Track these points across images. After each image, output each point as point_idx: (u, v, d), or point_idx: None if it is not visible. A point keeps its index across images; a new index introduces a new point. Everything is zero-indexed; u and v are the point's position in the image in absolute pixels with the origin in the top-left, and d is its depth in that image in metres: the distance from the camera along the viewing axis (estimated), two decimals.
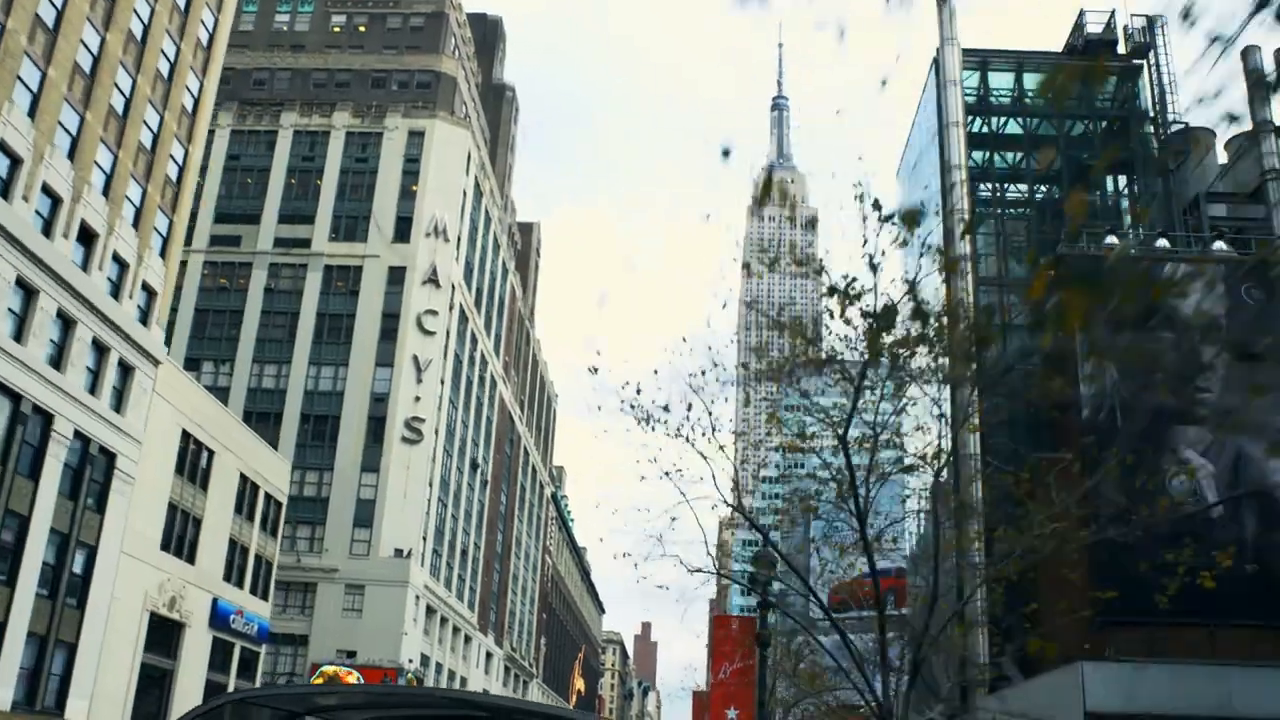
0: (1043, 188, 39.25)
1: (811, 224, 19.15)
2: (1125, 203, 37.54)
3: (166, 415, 38.01)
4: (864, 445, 15.70)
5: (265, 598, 50.39)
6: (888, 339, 14.21)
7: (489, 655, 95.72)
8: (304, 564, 70.03)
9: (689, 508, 16.51)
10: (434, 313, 75.53)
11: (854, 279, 14.22)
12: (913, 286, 14.25)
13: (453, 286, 78.60)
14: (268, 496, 49.92)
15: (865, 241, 14.26)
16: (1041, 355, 28.57)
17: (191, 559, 41.42)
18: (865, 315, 14.16)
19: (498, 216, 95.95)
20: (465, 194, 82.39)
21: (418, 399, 73.51)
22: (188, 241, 77.81)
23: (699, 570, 16.60)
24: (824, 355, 15.52)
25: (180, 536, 40.25)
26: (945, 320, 14.75)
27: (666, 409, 16.20)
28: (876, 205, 14.19)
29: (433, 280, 76.11)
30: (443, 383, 76.83)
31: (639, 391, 16.54)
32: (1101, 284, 8.12)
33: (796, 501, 19.27)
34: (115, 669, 36.36)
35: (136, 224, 36.12)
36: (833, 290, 14.23)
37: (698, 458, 16.21)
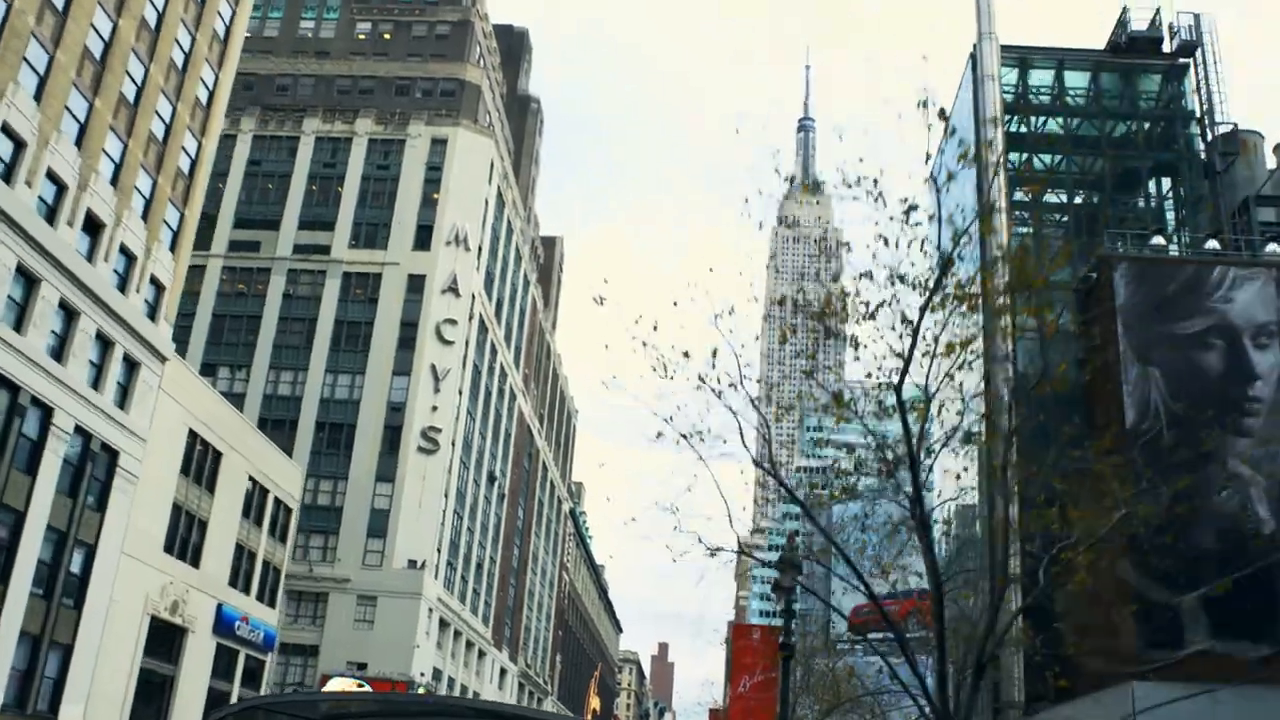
0: (1082, 192, 37.69)
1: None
2: (1170, 206, 35.95)
3: (173, 414, 36.88)
4: (914, 408, 14.15)
5: (273, 605, 49.12)
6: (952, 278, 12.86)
7: (503, 671, 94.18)
8: (316, 573, 68.83)
9: (709, 473, 14.90)
10: (453, 322, 74.44)
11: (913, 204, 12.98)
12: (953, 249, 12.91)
13: (473, 296, 77.53)
14: (277, 502, 48.70)
15: (928, 158, 13.06)
16: (1082, 361, 27.17)
17: (196, 562, 40.19)
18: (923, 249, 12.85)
19: (520, 228, 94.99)
20: (487, 203, 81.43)
21: (435, 409, 72.35)
22: (206, 246, 77.40)
23: (718, 549, 14.85)
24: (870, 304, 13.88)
25: (184, 539, 39.04)
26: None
27: (687, 355, 14.25)
28: (942, 114, 12.86)
29: (453, 289, 75.06)
30: (461, 393, 75.67)
31: (655, 328, 14.47)
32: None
33: (832, 479, 17.35)
34: (113, 673, 35.12)
35: (145, 216, 35.09)
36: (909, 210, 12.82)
37: (719, 418, 14.53)
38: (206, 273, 76.74)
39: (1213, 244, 30.58)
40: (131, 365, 35.31)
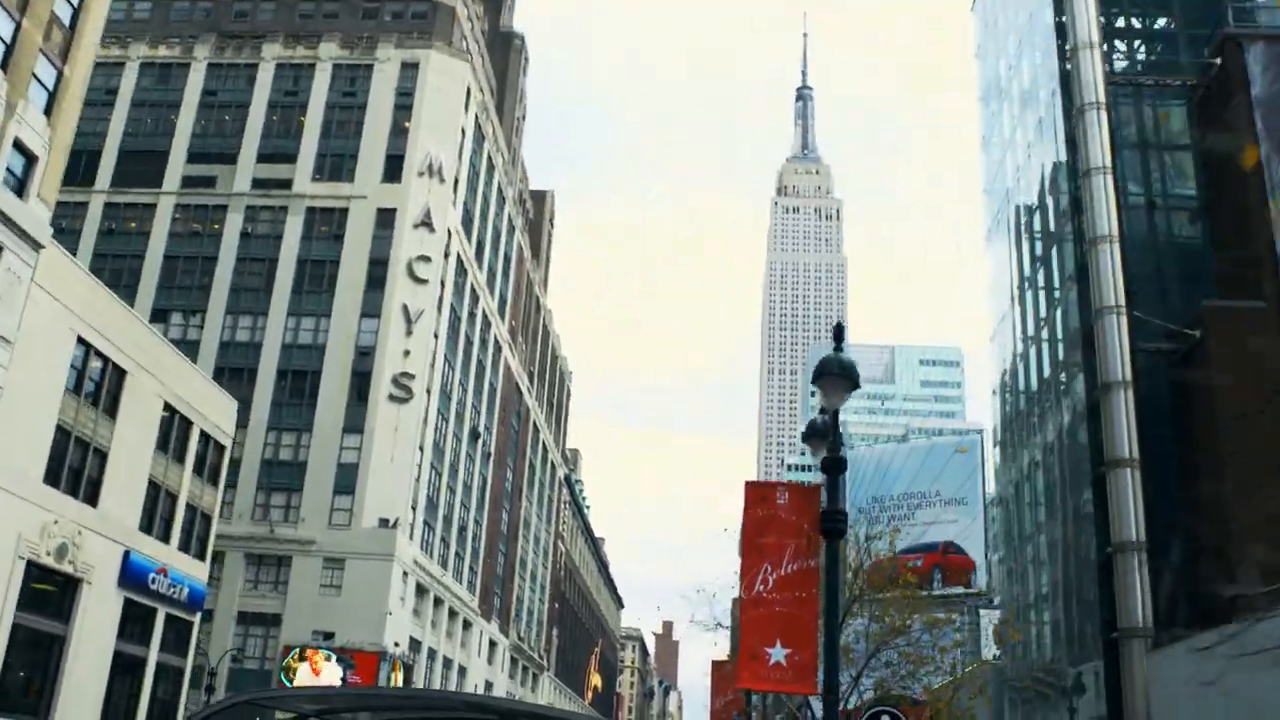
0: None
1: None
2: None
3: (52, 314, 30.37)
4: None
5: (202, 557, 42.58)
6: None
7: (493, 644, 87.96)
8: (278, 534, 62.51)
9: None
10: (426, 259, 67.85)
11: None
12: None
13: (449, 232, 70.91)
14: (205, 437, 42.12)
15: None
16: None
17: (92, 500, 33.75)
18: None
19: (502, 166, 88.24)
20: (464, 133, 74.69)
21: (407, 353, 65.83)
22: (156, 183, 71.03)
23: None
24: None
25: (75, 471, 32.57)
26: None
27: None
28: None
29: (426, 224, 68.45)
30: (437, 337, 69.13)
31: None
32: None
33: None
34: None
35: (5, 65, 28.50)
36: None
37: None
38: (157, 212, 70.38)
39: None
40: None
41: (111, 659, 34.96)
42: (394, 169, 69.90)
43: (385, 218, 68.64)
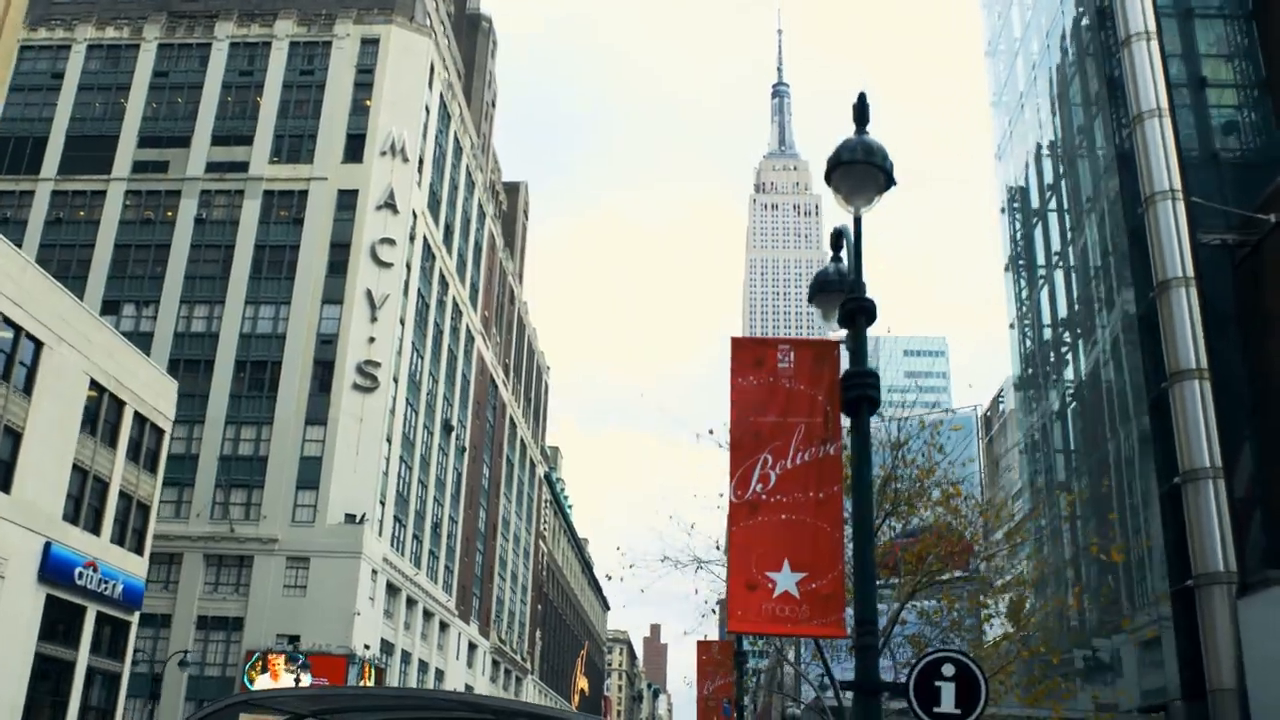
0: None
1: None
2: None
3: None
4: None
5: (139, 551, 39.11)
6: None
7: (472, 646, 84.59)
8: (238, 534, 59.09)
9: None
10: (390, 242, 64.58)
11: None
12: None
13: (414, 213, 67.66)
14: (141, 420, 38.71)
15: None
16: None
17: (4, 484, 30.39)
18: None
19: (471, 149, 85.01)
20: (429, 111, 71.46)
21: (372, 340, 62.55)
22: (105, 170, 67.69)
23: None
24: None
25: None
26: None
27: None
28: None
29: (389, 205, 65.20)
30: (403, 323, 65.86)
31: None
32: None
33: None
34: None
35: None
36: None
37: None
38: (107, 199, 67.00)
39: None
40: None
41: (32, 662, 31.57)
42: (355, 149, 66.70)
43: (347, 199, 65.41)
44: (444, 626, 75.87)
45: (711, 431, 16.15)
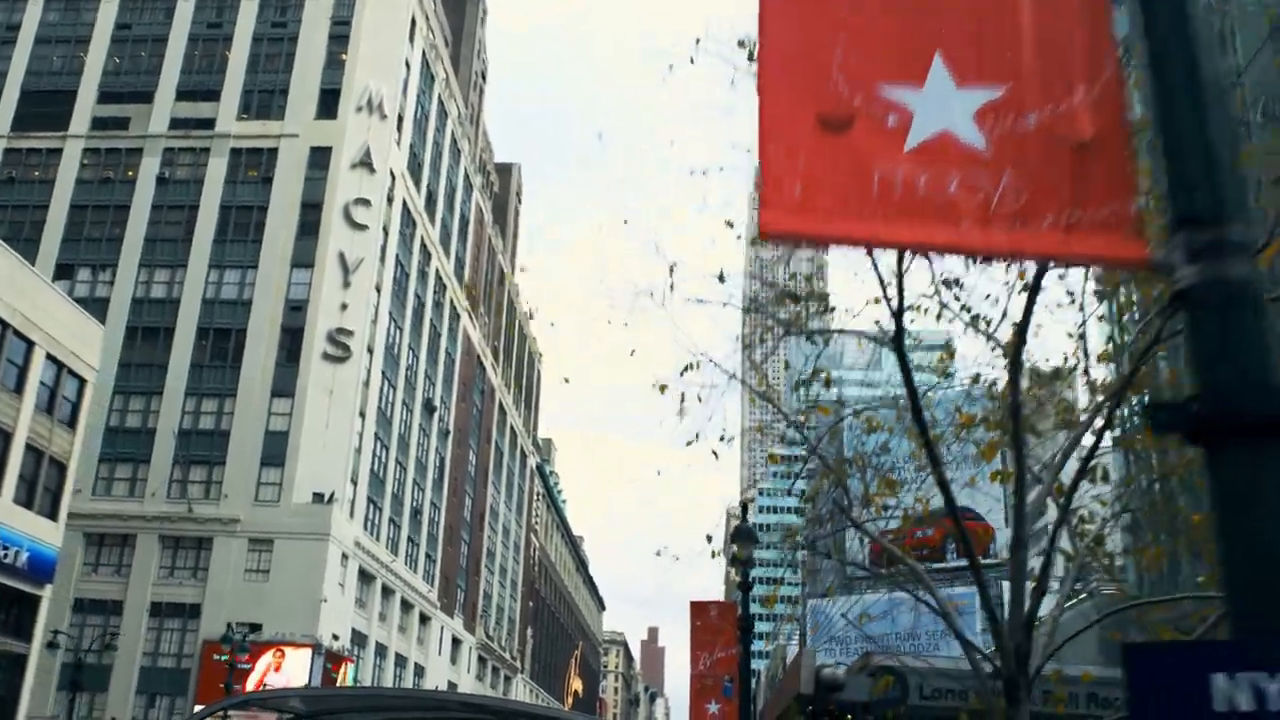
0: None
1: None
2: None
3: None
4: None
5: (53, 517, 34.33)
6: None
7: (456, 641, 79.91)
8: (197, 514, 54.57)
9: None
10: (366, 203, 60.10)
11: None
12: None
13: (392, 174, 63.16)
14: (56, 364, 33.96)
15: None
16: None
17: None
18: None
19: (458, 116, 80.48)
20: (409, 66, 66.97)
21: (345, 306, 58.03)
22: (62, 126, 63.29)
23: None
24: None
25: None
26: None
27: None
28: None
29: (365, 163, 60.72)
30: (379, 290, 61.31)
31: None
32: None
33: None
34: None
35: None
36: None
37: None
38: (63, 157, 62.71)
39: None
40: None
41: None
42: (329, 104, 62.31)
43: (319, 158, 60.97)
44: (425, 619, 71.27)
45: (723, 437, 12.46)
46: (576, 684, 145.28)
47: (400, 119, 64.96)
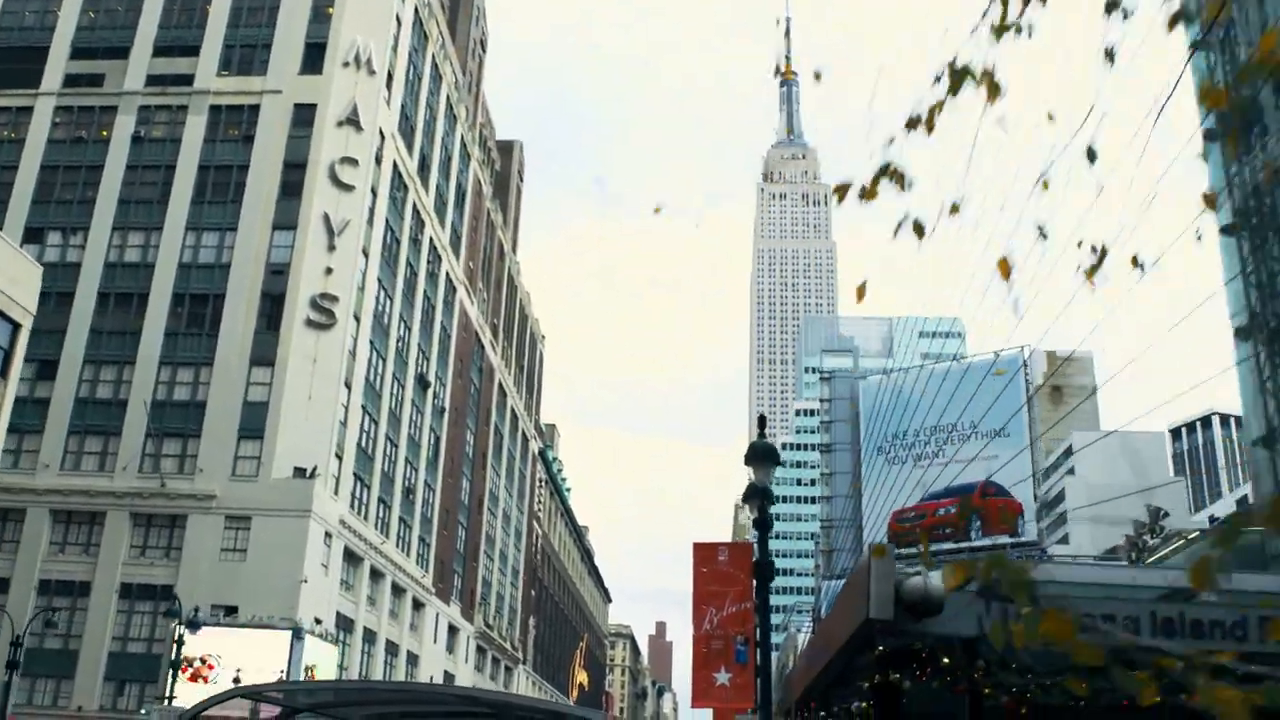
0: None
1: None
2: None
3: None
4: None
5: None
6: None
7: (453, 629, 76.51)
8: (170, 489, 51.22)
9: None
10: (353, 162, 56.66)
11: None
12: None
13: (380, 133, 59.67)
14: None
15: None
16: None
17: None
18: None
19: (453, 82, 76.91)
20: (400, 21, 63.46)
21: (329, 271, 54.60)
22: (33, 83, 59.95)
23: None
24: None
25: None
26: None
27: None
28: None
29: (352, 121, 57.25)
30: (366, 255, 57.85)
31: None
32: None
33: None
34: None
35: None
36: None
37: None
38: (34, 115, 59.38)
39: None
40: None
41: None
42: (314, 59, 58.85)
43: (303, 115, 57.51)
44: (419, 605, 67.86)
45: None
46: (582, 676, 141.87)
47: (390, 77, 61.50)
